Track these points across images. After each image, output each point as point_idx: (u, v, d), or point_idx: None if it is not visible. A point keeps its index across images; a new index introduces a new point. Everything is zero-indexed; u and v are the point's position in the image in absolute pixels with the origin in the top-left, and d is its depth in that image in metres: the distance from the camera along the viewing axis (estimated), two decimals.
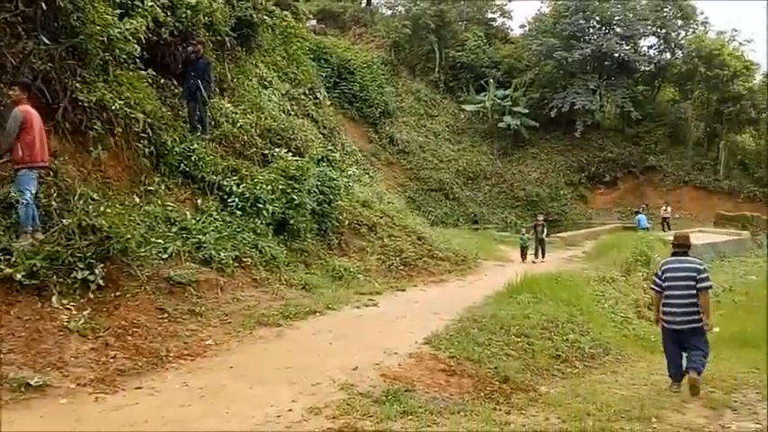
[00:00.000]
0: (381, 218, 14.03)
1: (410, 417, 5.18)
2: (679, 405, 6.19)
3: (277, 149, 11.46)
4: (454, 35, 42.25)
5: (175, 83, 10.82)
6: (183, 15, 10.33)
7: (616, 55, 38.77)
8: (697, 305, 6.69)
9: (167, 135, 9.41)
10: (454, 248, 15.94)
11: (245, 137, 11.10)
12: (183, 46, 10.66)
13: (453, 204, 33.70)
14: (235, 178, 10.14)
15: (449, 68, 41.70)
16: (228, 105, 11.50)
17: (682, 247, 7.17)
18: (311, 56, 20.49)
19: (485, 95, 38.91)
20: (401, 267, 12.77)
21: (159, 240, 7.94)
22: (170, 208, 8.72)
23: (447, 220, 30.93)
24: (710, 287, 6.90)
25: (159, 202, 8.73)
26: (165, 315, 7.05)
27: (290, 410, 5.13)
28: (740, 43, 38.11)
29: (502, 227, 31.42)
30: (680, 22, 40.17)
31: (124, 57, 8.85)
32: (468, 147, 38.07)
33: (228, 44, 12.16)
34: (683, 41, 39.26)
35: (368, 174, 19.14)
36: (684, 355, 6.83)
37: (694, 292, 6.68)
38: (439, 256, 14.53)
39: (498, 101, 38.15)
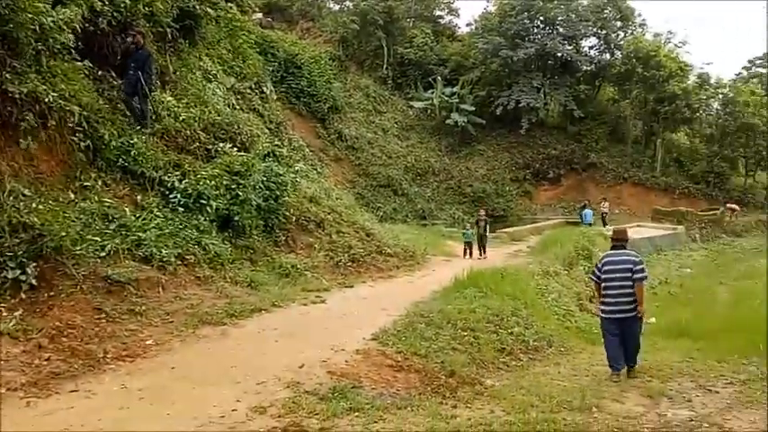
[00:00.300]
0: (329, 214, 13.94)
1: (357, 413, 5.17)
2: (618, 394, 6.40)
3: (221, 144, 11.19)
4: (402, 32, 42.45)
5: (114, 75, 10.41)
6: (122, 4, 9.92)
7: (559, 54, 39.81)
8: (633, 295, 7.11)
9: (105, 129, 9.04)
10: (402, 244, 16.02)
11: (188, 131, 10.78)
12: (122, 36, 10.24)
13: (402, 200, 33.90)
14: (177, 174, 9.85)
15: (397, 65, 41.88)
16: (171, 99, 11.15)
17: (620, 240, 7.59)
18: (257, 50, 20.10)
19: (432, 92, 39.30)
20: (349, 264, 12.74)
21: (96, 238, 7.65)
22: (107, 204, 8.39)
23: (396, 216, 31.07)
24: (645, 278, 7.38)
25: (96, 198, 8.38)
26: (103, 315, 6.80)
27: (234, 410, 5.04)
28: (675, 45, 39.74)
29: (450, 222, 31.80)
30: (619, 23, 41.59)
31: (58, 47, 8.43)
32: (417, 143, 38.36)
33: (170, 36, 11.77)
34: (621, 42, 40.65)
35: (316, 169, 18.96)
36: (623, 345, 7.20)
37: (631, 283, 7.11)
38: (387, 252, 14.56)
39: (446, 98, 38.57)
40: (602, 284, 7.31)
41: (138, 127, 9.83)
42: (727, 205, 34.66)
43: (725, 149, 38.57)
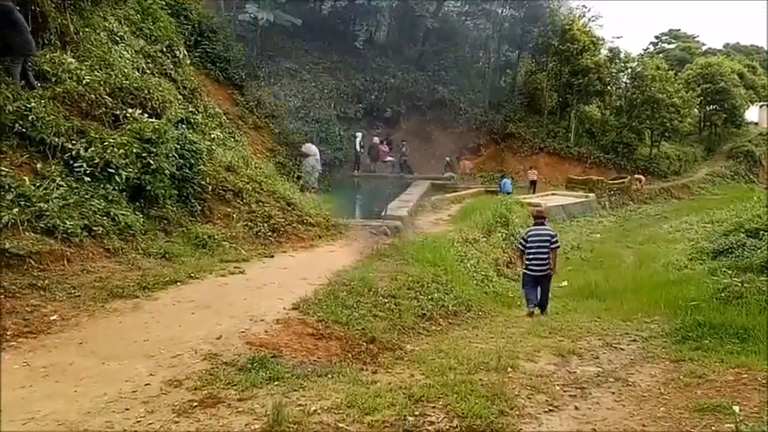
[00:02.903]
0: (248, 183, 13.52)
1: (276, 382, 5.10)
2: (532, 354, 6.65)
3: (130, 110, 10.55)
4: None
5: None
6: None
7: None
8: (549, 259, 10.07)
9: None
10: (325, 213, 15.85)
11: (93, 95, 10.07)
12: None
13: (325, 170, 33.44)
14: (82, 141, 9.22)
15: None
16: (72, 60, 10.37)
17: (540, 218, 10.75)
18: (169, 11, 19.02)
19: None
20: (269, 233, 12.45)
21: None
22: (3, 173, 7.76)
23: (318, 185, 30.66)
24: (559, 246, 10.56)
25: None
26: (1, 290, 6.34)
27: (147, 384, 4.85)
28: (589, 19, 41.10)
29: None
30: None
31: None
32: None
33: None
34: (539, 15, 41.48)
35: (233, 137, 18.25)
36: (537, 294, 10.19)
37: (548, 250, 10.07)
38: (309, 221, 14.33)
39: None
40: (527, 251, 10.13)
41: (36, 90, 9.11)
42: (635, 175, 36.65)
43: (632, 121, 40.56)
